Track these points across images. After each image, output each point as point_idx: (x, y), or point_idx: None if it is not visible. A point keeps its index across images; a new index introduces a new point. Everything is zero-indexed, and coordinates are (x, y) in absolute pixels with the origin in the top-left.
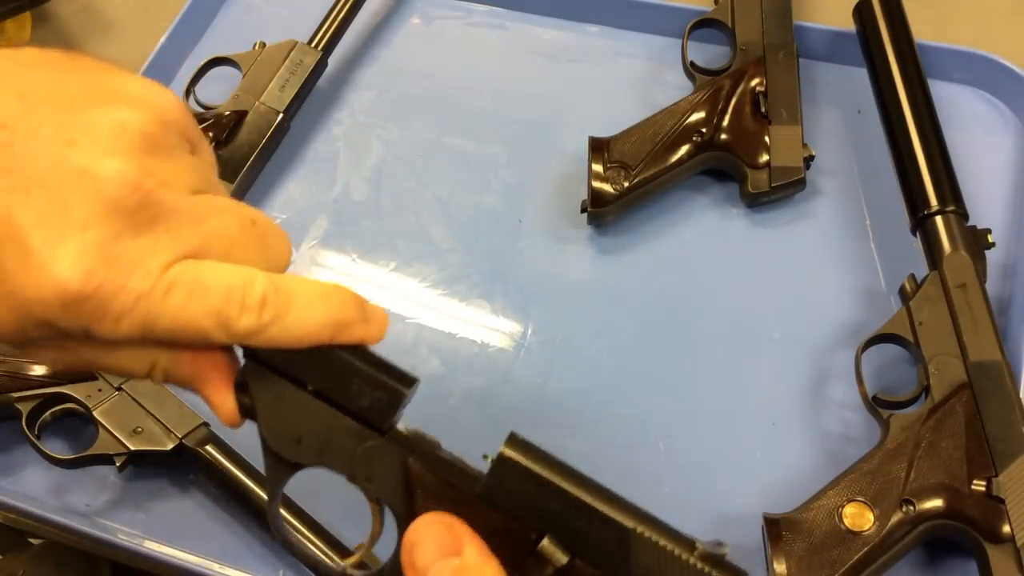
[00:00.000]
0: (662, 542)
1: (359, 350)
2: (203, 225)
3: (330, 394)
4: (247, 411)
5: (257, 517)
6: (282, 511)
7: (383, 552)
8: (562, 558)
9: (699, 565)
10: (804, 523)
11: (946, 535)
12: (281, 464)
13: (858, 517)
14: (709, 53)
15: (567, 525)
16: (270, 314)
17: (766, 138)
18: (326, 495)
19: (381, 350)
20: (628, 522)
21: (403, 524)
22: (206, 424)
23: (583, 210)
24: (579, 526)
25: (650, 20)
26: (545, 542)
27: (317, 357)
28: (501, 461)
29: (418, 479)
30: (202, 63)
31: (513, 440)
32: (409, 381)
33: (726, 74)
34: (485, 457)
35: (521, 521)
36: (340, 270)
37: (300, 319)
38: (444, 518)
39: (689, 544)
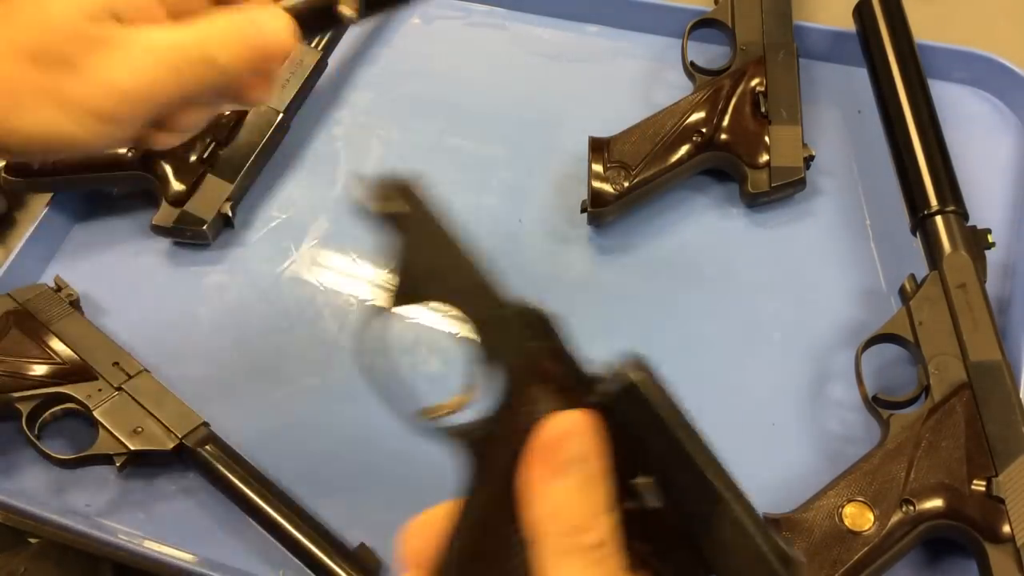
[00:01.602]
0: (746, 523)
1: None
2: None
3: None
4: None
5: (257, 517)
6: (279, 509)
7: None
8: (655, 502)
9: (771, 558)
10: (804, 523)
11: (946, 535)
12: (402, 294)
13: (858, 517)
14: (709, 53)
15: (668, 472)
16: None
17: (766, 138)
18: (327, 496)
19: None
20: (723, 492)
21: (506, 399)
22: (206, 424)
23: (583, 210)
24: (678, 478)
25: (650, 20)
26: (642, 480)
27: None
28: (631, 385)
29: (534, 362)
30: None
31: (643, 368)
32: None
33: (726, 74)
34: None
35: (626, 450)
36: (340, 270)
37: None
38: (593, 421)
39: (768, 534)
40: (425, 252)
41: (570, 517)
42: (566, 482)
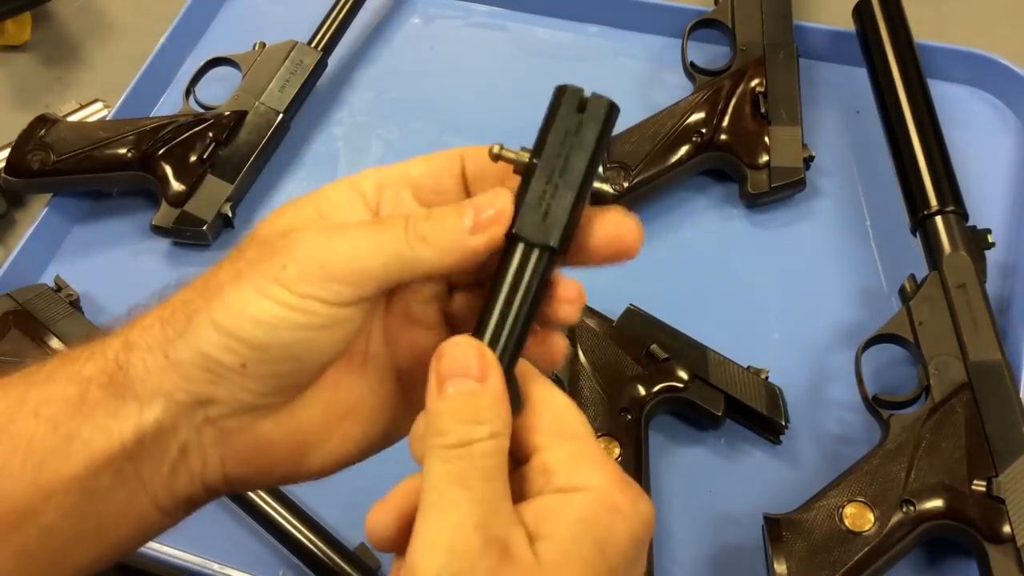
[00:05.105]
0: (724, 359)
1: None
2: None
3: None
4: None
5: (257, 517)
6: (279, 509)
7: None
8: (663, 354)
9: (746, 369)
10: (804, 523)
11: (946, 535)
12: None
13: (858, 517)
14: (709, 53)
15: (666, 341)
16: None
17: (766, 138)
18: (328, 496)
19: None
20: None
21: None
22: None
23: None
24: (674, 344)
25: (650, 20)
26: (654, 347)
27: None
28: (628, 311)
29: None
30: (202, 63)
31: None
32: None
33: (726, 74)
34: None
35: (640, 337)
36: None
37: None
38: (480, 347)
39: (739, 365)
40: None
41: (438, 425)
42: (443, 398)
